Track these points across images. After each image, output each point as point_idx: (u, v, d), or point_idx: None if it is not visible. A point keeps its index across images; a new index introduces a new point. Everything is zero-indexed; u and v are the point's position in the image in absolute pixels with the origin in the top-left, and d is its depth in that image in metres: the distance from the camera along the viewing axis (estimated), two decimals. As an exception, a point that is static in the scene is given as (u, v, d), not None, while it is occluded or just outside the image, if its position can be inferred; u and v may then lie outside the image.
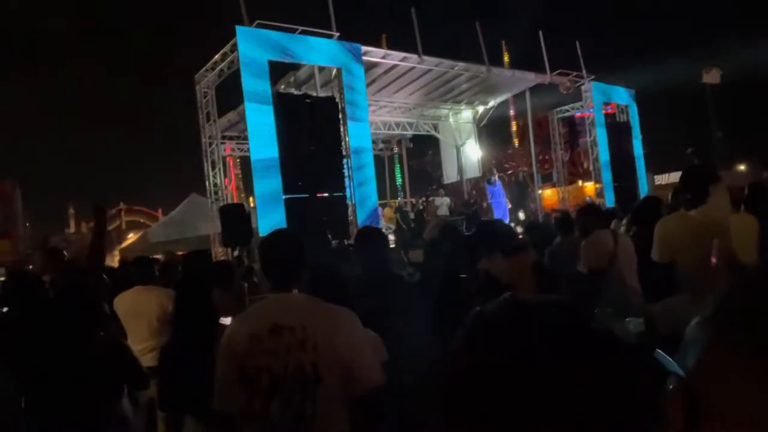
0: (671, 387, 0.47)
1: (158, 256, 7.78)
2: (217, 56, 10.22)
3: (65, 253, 4.54)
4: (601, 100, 15.81)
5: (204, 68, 10.70)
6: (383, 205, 16.31)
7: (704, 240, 2.76)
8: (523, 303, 0.59)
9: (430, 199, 16.83)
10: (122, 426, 2.65)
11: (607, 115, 16.52)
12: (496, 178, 15.12)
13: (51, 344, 2.55)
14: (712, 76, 19.78)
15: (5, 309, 4.64)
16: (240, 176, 26.01)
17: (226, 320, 2.81)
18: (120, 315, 4.05)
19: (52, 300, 2.81)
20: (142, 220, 33.99)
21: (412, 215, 16.09)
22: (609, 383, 0.53)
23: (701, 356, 0.47)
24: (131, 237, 22.09)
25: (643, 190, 16.17)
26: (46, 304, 2.78)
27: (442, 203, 15.36)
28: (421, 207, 16.85)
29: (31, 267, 4.93)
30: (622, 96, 16.62)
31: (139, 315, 4.10)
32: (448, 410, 0.56)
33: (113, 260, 14.66)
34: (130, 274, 4.63)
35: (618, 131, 16.11)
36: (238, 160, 20.12)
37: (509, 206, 14.68)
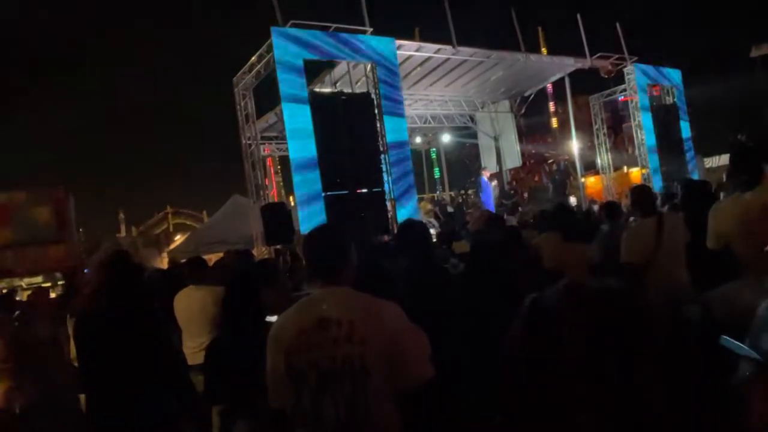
0: (749, 371, 0.45)
1: (206, 257, 7.97)
2: (253, 58, 10.38)
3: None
4: (645, 82, 15.27)
5: (241, 71, 10.89)
6: (420, 200, 16.31)
7: (762, 223, 2.62)
8: (584, 289, 0.57)
9: (470, 191, 16.66)
10: (173, 420, 2.73)
11: (652, 98, 15.96)
12: (487, 176, 15.05)
13: (119, 344, 2.64)
14: (762, 51, 18.81)
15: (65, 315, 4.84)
16: (280, 176, 26.41)
17: (272, 318, 2.85)
18: (175, 314, 4.22)
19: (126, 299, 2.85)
20: (188, 222, 35.01)
21: (450, 208, 15.98)
22: (674, 366, 0.50)
23: None
24: (178, 239, 22.78)
25: (693, 174, 15.55)
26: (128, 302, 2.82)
27: None
28: (460, 200, 16.72)
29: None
30: (667, 77, 16.01)
31: (193, 313, 4.23)
32: (509, 394, 0.55)
33: (162, 262, 15.14)
34: (183, 274, 4.78)
35: (664, 114, 15.54)
36: (277, 159, 20.41)
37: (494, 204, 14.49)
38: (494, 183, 15.49)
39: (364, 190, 9.82)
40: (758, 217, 2.71)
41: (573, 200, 15.26)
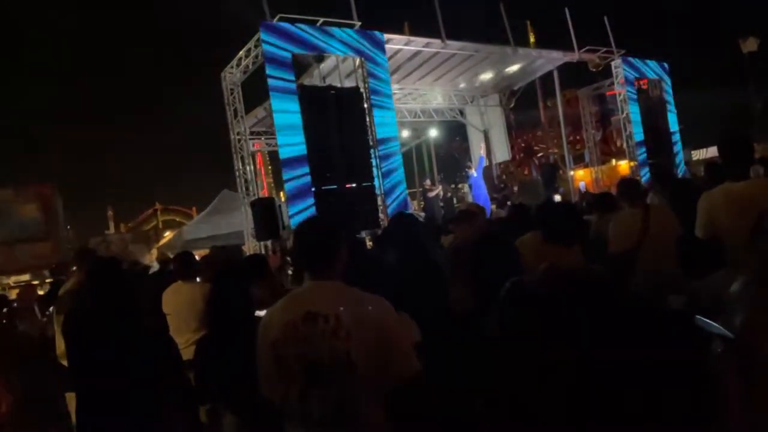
0: (721, 348, 0.44)
1: (196, 253, 7.92)
2: (241, 52, 10.31)
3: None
4: (633, 76, 15.35)
5: (229, 65, 10.80)
6: (413, 195, 16.35)
7: (751, 212, 2.64)
8: (566, 273, 0.56)
9: (460, 185, 16.68)
10: (164, 417, 2.71)
11: (639, 91, 16.04)
12: (474, 170, 15.06)
13: (107, 338, 2.61)
14: (749, 46, 18.93)
15: (50, 310, 4.79)
16: (270, 171, 26.26)
17: (261, 313, 2.83)
18: (164, 309, 4.19)
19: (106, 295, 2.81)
20: (177, 219, 34.76)
21: (441, 203, 15.95)
22: (652, 349, 0.50)
23: (749, 312, 0.43)
24: (168, 235, 22.62)
25: (680, 166, 15.68)
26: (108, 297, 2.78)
27: None
28: (450, 194, 16.72)
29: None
30: (655, 70, 16.09)
31: (182, 309, 4.20)
32: (488, 381, 0.54)
33: (150, 258, 15.05)
34: (172, 270, 4.74)
35: (652, 107, 15.62)
36: (267, 155, 20.31)
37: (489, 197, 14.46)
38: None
39: (354, 185, 9.80)
40: (748, 206, 2.73)
41: (557, 197, 15.32)
